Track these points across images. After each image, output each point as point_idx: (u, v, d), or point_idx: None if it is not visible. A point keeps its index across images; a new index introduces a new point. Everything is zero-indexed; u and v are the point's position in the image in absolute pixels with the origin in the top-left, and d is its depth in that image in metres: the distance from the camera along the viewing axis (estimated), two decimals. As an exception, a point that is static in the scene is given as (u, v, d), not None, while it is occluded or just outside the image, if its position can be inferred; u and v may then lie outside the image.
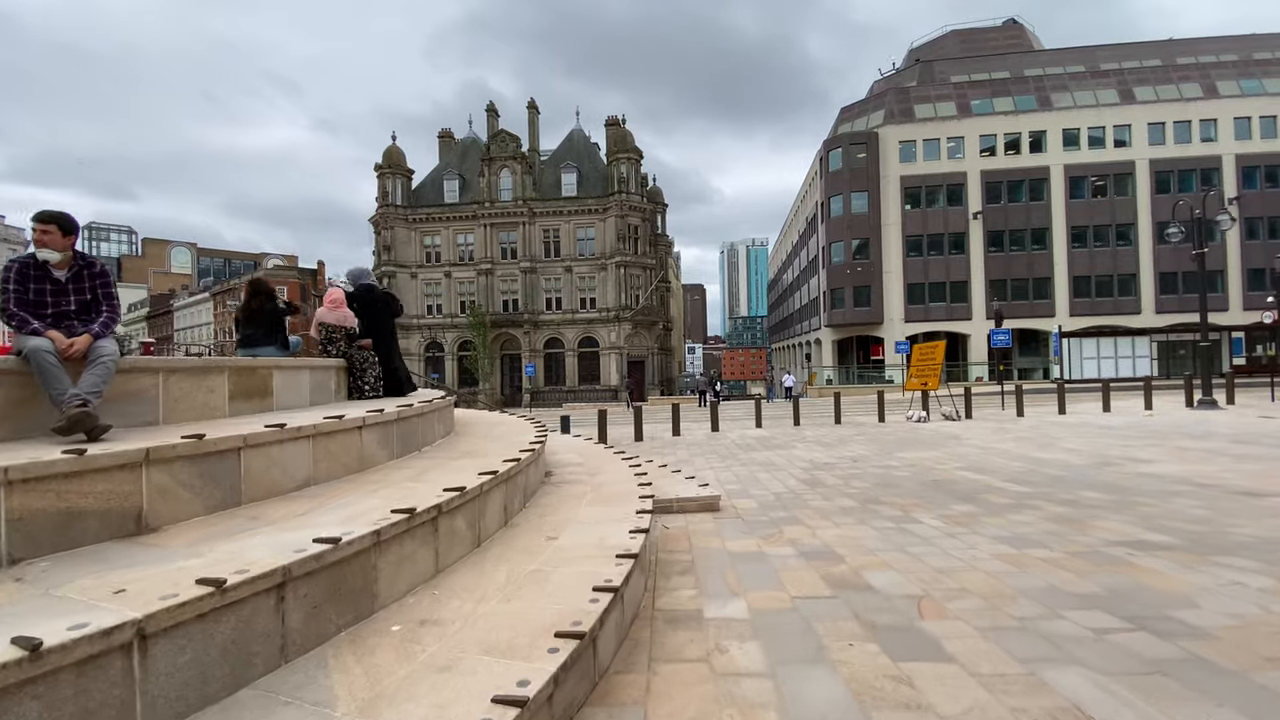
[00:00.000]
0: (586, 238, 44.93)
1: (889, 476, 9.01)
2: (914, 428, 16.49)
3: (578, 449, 8.01)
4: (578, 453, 7.62)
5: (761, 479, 9.12)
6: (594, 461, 7.00)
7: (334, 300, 6.05)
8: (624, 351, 43.27)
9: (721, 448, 13.66)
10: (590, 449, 8.00)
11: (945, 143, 41.17)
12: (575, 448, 8.13)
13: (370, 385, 6.14)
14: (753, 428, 18.26)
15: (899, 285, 40.57)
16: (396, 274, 46.38)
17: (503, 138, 46.53)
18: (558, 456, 7.36)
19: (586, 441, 8.78)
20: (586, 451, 7.77)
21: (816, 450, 12.60)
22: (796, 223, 59.43)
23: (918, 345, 19.00)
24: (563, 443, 8.62)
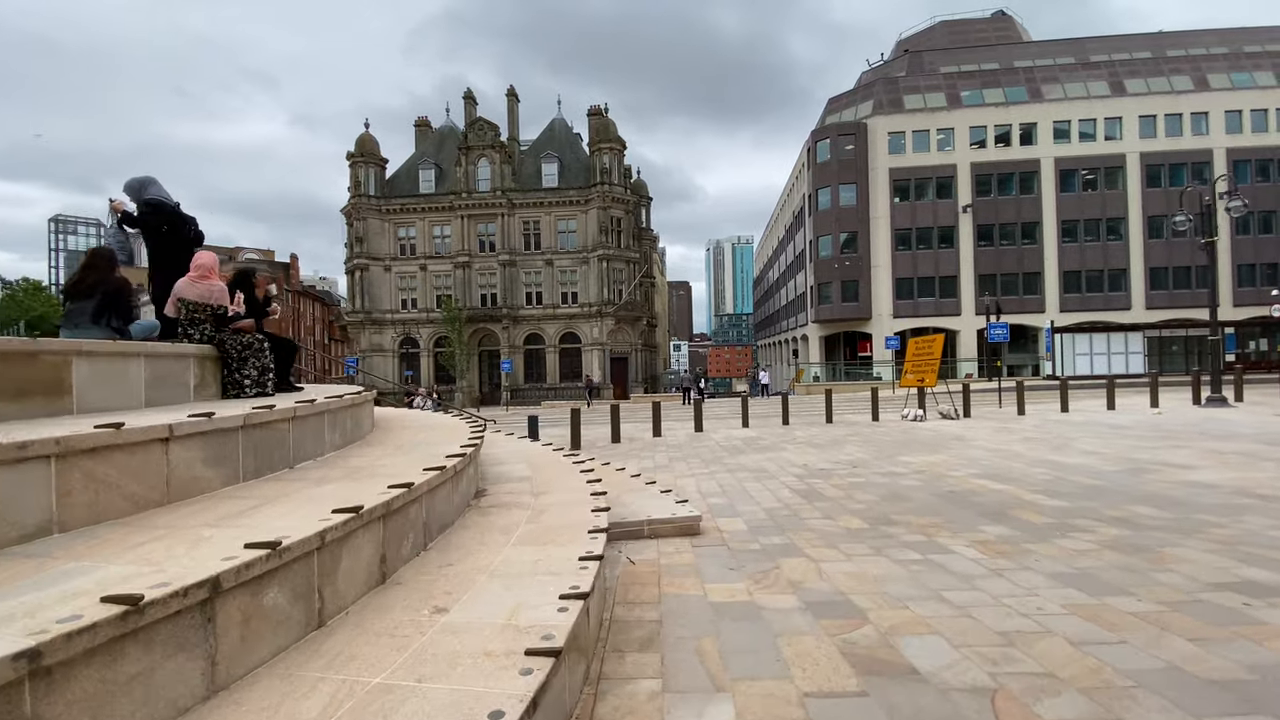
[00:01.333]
0: (568, 230, 43.46)
1: (896, 487, 7.79)
2: (911, 427, 15.37)
3: (530, 457, 6.69)
4: (528, 462, 6.30)
5: (750, 490, 7.86)
6: (546, 474, 5.69)
7: (201, 267, 4.67)
8: (607, 348, 41.91)
9: (705, 450, 12.40)
10: (546, 457, 6.68)
11: (935, 134, 40.27)
12: (528, 455, 6.81)
13: (253, 380, 4.76)
14: (739, 427, 17.04)
15: (887, 280, 39.64)
16: (369, 266, 44.61)
17: (481, 126, 44.87)
18: (503, 468, 6.03)
19: (545, 448, 7.46)
20: (540, 460, 6.45)
21: (810, 453, 11.38)
22: (783, 217, 58.39)
23: (913, 339, 17.89)
24: (515, 450, 7.29)
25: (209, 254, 4.83)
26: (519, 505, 4.42)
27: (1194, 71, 40.33)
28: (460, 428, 6.11)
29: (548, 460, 6.43)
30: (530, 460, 6.46)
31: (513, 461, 6.40)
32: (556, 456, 6.61)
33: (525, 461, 6.36)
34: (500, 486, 5.14)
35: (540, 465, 6.16)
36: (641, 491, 6.59)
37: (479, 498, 4.68)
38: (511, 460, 6.48)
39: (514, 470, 5.90)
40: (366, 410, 5.65)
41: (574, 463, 6.14)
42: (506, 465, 6.19)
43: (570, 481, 5.24)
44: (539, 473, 5.77)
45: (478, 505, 4.41)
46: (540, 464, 6.25)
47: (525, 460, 6.47)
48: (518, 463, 6.32)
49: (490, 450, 7.30)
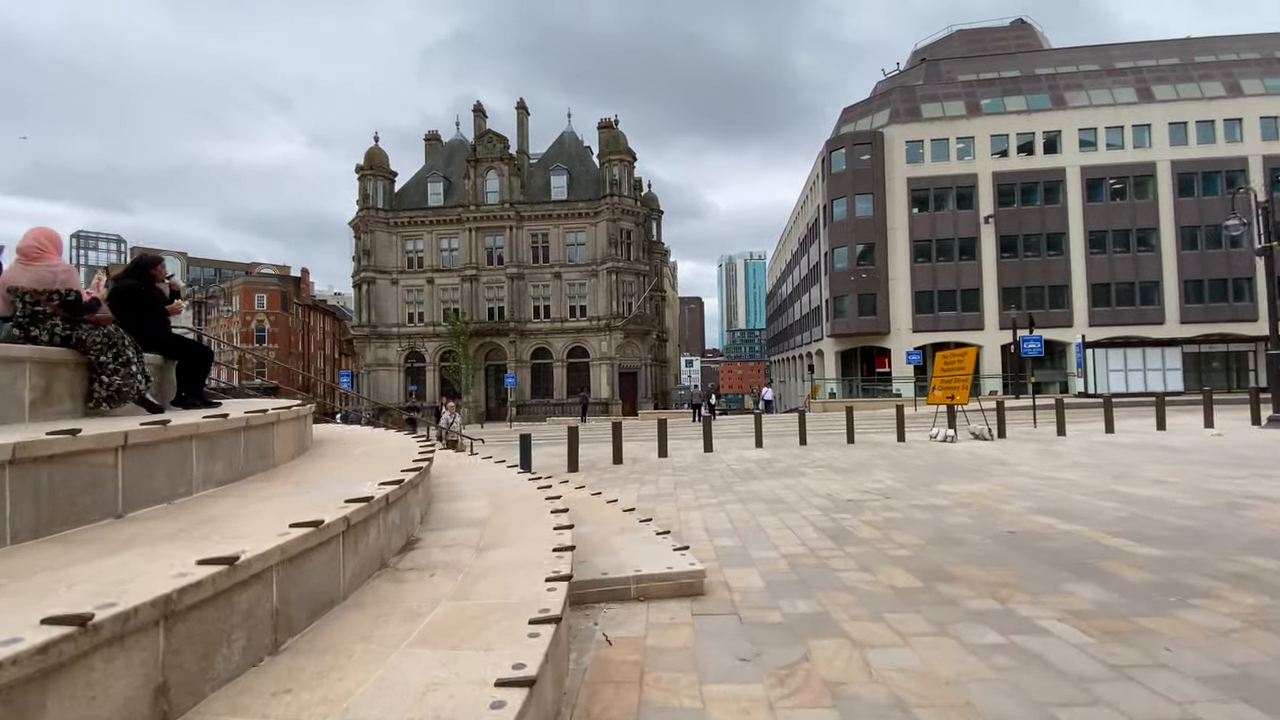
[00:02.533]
0: (577, 242, 42.62)
1: (943, 525, 6.51)
2: (942, 449, 14.00)
3: (498, 490, 5.52)
4: (492, 498, 5.13)
5: (767, 527, 6.61)
6: (507, 515, 4.52)
7: (30, 251, 3.58)
8: (615, 362, 40.78)
9: (715, 475, 11.14)
10: (517, 490, 5.51)
11: (954, 143, 39.04)
12: (496, 488, 5.64)
13: (118, 387, 3.66)
14: (752, 448, 15.75)
15: (906, 293, 38.22)
16: (376, 279, 44.03)
17: (490, 138, 44.40)
18: (458, 505, 4.88)
19: (520, 476, 6.29)
20: (508, 495, 5.27)
21: (832, 479, 10.08)
22: (796, 230, 57.24)
23: (942, 353, 16.56)
24: (484, 480, 6.13)
25: (43, 229, 3.75)
26: (451, 566, 3.24)
27: (1225, 77, 38.83)
28: (407, 451, 4.96)
29: (517, 495, 5.26)
30: (496, 494, 5.29)
31: (474, 496, 5.24)
32: (530, 489, 5.43)
33: (489, 496, 5.19)
34: (441, 534, 3.97)
35: (505, 502, 4.99)
36: (633, 533, 5.38)
37: (405, 552, 3.51)
38: (473, 494, 5.31)
39: (470, 509, 4.73)
40: (285, 431, 4.53)
41: (548, 498, 4.95)
42: (464, 502, 5.02)
43: (534, 528, 4.06)
44: (500, 513, 4.60)
45: (395, 566, 3.24)
46: (506, 500, 5.07)
47: (490, 494, 5.30)
48: (479, 498, 5.15)
49: (454, 479, 6.15)
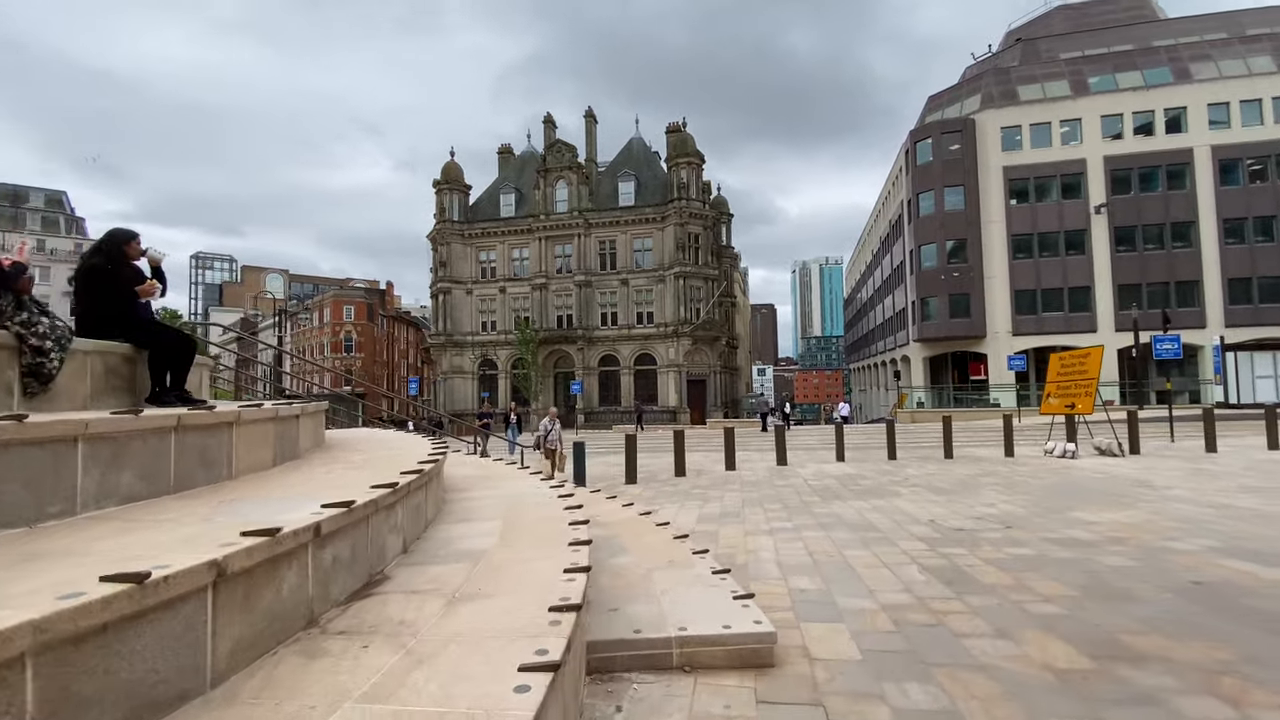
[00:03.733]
0: (644, 248, 41.88)
1: (1096, 568, 4.97)
2: (1063, 466, 11.93)
3: (519, 509, 4.55)
4: (507, 520, 4.15)
5: (856, 564, 5.27)
6: (513, 545, 3.52)
7: None
8: (683, 369, 39.56)
9: (789, 492, 9.77)
10: (535, 509, 4.52)
11: (1058, 127, 35.33)
12: (518, 506, 4.67)
13: (41, 365, 2.95)
14: (832, 461, 14.16)
15: (1004, 292, 34.77)
16: (452, 290, 45.04)
17: (559, 148, 44.59)
18: (462, 528, 3.94)
19: (552, 491, 5.29)
20: (528, 518, 4.28)
21: (933, 501, 8.50)
22: (877, 229, 54.03)
23: (1058, 355, 14.35)
24: (509, 495, 5.18)
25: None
26: (402, 630, 2.24)
27: (1395, 35, 33.09)
28: (411, 453, 4.05)
29: (538, 517, 4.25)
30: (514, 515, 4.31)
31: (487, 516, 4.27)
32: (555, 509, 4.41)
33: (503, 518, 4.21)
34: (418, 571, 3.00)
35: (520, 527, 3.99)
36: (684, 568, 4.24)
37: (354, 600, 2.55)
38: (487, 514, 4.36)
39: (472, 535, 3.76)
40: (252, 434, 3.73)
41: (573, 523, 3.91)
42: (471, 524, 4.06)
43: (541, 566, 3.02)
44: (507, 542, 3.60)
45: (325, 627, 2.28)
46: (523, 524, 4.07)
47: (507, 514, 4.32)
48: (491, 519, 4.18)
49: (475, 494, 5.24)
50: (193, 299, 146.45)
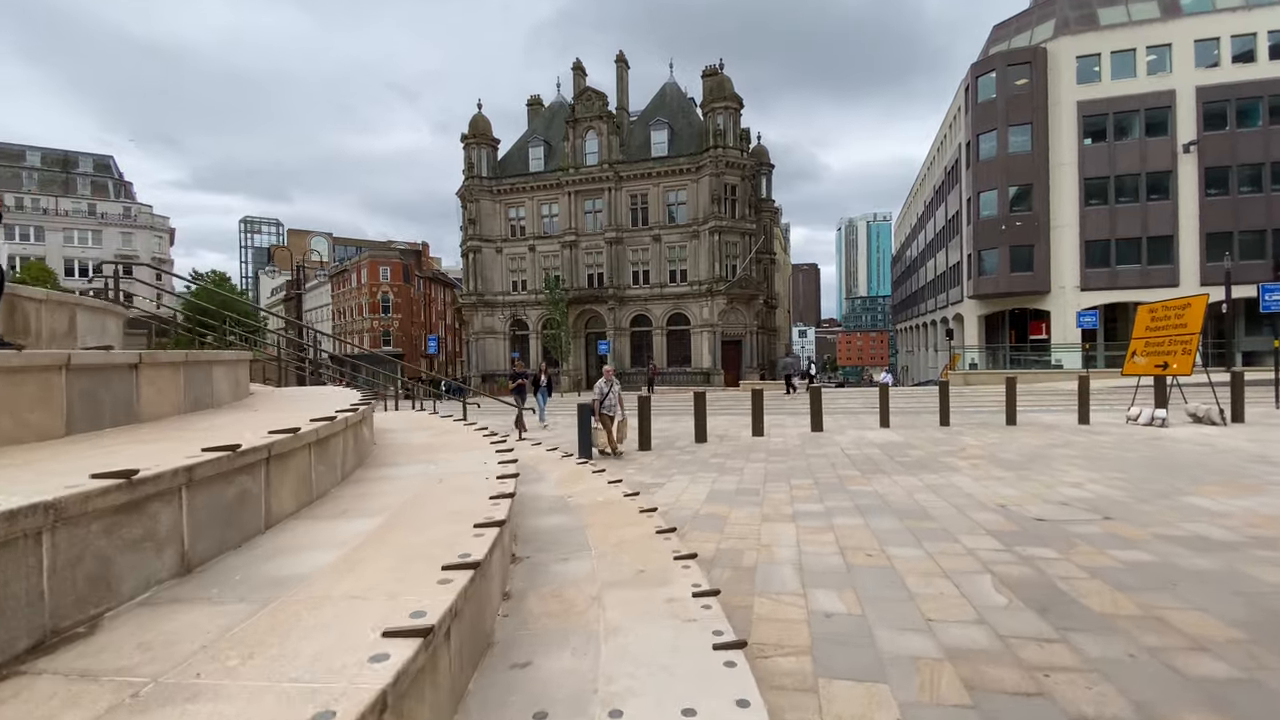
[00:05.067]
0: (677, 202, 39.76)
1: (1256, 590, 3.47)
2: (1153, 436, 10.12)
3: (424, 494, 3.30)
4: (396, 514, 2.90)
5: (906, 572, 3.88)
6: (350, 574, 2.25)
7: None
8: (718, 330, 37.83)
9: (823, 464, 8.35)
10: (460, 495, 3.26)
11: (1144, 54, 31.24)
12: (428, 491, 3.43)
13: None
14: (875, 427, 12.60)
15: (1073, 242, 31.55)
16: (482, 248, 44.10)
17: (589, 96, 42.41)
18: (334, 528, 2.69)
19: (506, 466, 4.05)
20: (432, 509, 3.03)
21: (999, 478, 6.97)
22: (930, 178, 50.17)
23: (1147, 307, 12.27)
24: (445, 471, 3.95)
25: None
26: None
27: None
28: (330, 401, 2.86)
29: (444, 513, 3.00)
30: (415, 508, 3.07)
31: (371, 513, 3.05)
32: (478, 502, 3.16)
33: (398, 511, 2.98)
34: (139, 629, 1.77)
35: (396, 535, 2.74)
36: (653, 586, 2.95)
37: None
38: (375, 510, 3.14)
39: (327, 541, 2.54)
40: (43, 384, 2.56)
41: (479, 526, 2.65)
42: (348, 520, 2.84)
43: (345, 629, 1.74)
44: (360, 563, 2.35)
45: None
46: (410, 525, 2.83)
47: (404, 507, 3.09)
48: (371, 517, 2.95)
49: (394, 475, 4.05)
50: (242, 262, 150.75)
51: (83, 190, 63.80)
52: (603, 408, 9.94)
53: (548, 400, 16.33)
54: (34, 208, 59.17)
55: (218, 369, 4.35)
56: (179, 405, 3.80)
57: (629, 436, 10.63)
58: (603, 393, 10.08)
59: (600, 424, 9.79)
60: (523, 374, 15.04)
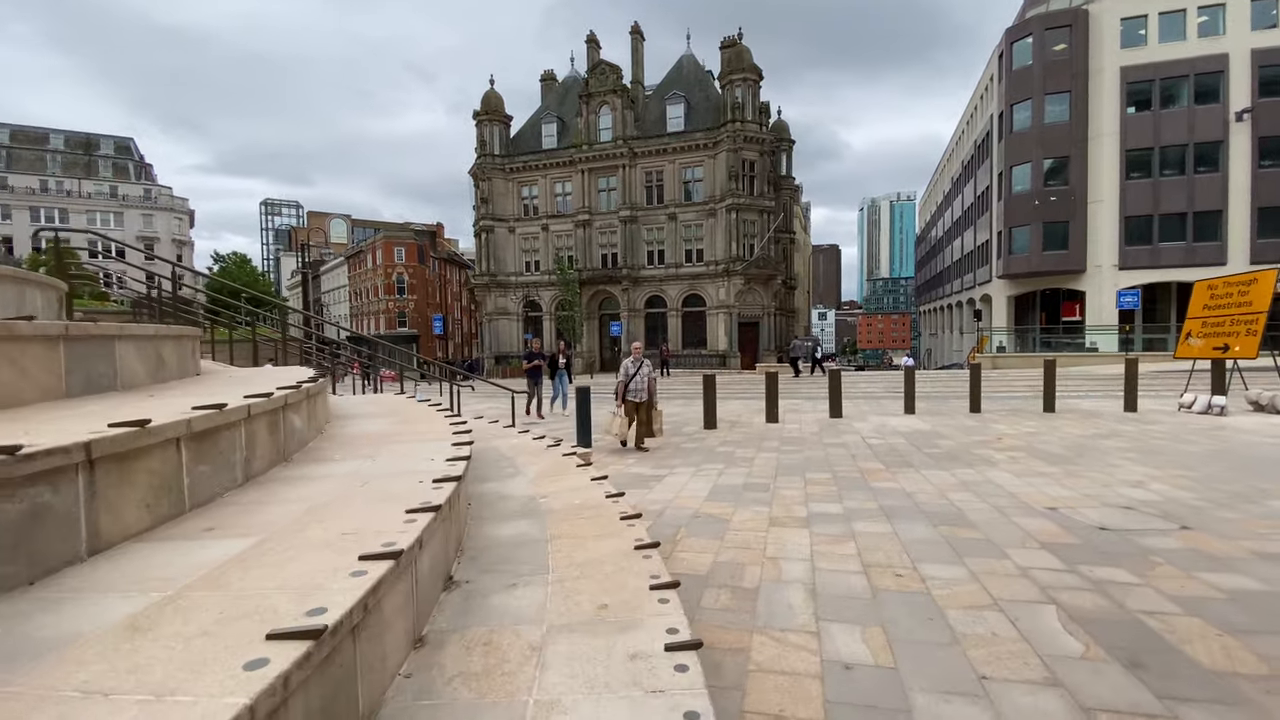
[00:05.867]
0: (694, 179, 38.56)
1: None
2: (1212, 426, 9.12)
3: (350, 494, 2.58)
4: (260, 539, 2.18)
5: (945, 603, 3.08)
6: (134, 651, 1.53)
7: None
8: (734, 311, 36.81)
9: (842, 456, 7.54)
10: (381, 503, 2.52)
11: (1194, 15, 29.16)
12: (359, 488, 2.71)
13: None
14: (899, 414, 11.72)
15: (1112, 219, 29.86)
16: (495, 228, 43.41)
17: (602, 70, 41.16)
18: (189, 552, 1.97)
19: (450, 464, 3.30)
20: (284, 531, 2.30)
21: (1045, 475, 6.12)
22: (959, 153, 48.15)
23: (1205, 283, 11.15)
24: (398, 467, 3.22)
25: None
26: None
27: None
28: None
29: (317, 537, 2.29)
30: (291, 531, 2.37)
31: (242, 530, 2.35)
32: (391, 518, 2.46)
33: (263, 533, 2.27)
34: None
35: (269, 563, 2.03)
36: (614, 633, 2.21)
37: None
38: (250, 524, 2.43)
39: (160, 572, 1.83)
40: None
41: (360, 561, 1.94)
42: (217, 540, 2.14)
43: None
44: (144, 636, 1.64)
45: None
46: (292, 546, 2.12)
47: (295, 519, 2.39)
48: (247, 535, 2.24)
49: (313, 474, 3.36)
50: (263, 244, 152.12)
51: (104, 173, 64.28)
52: (627, 391, 8.61)
53: (567, 384, 14.29)
54: (57, 190, 59.79)
55: (124, 344, 3.70)
56: (52, 388, 3.14)
57: (662, 425, 9.18)
58: (628, 373, 8.68)
59: (622, 410, 8.51)
60: (538, 354, 13.68)
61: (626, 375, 8.73)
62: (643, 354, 9.00)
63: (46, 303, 5.13)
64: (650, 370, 8.82)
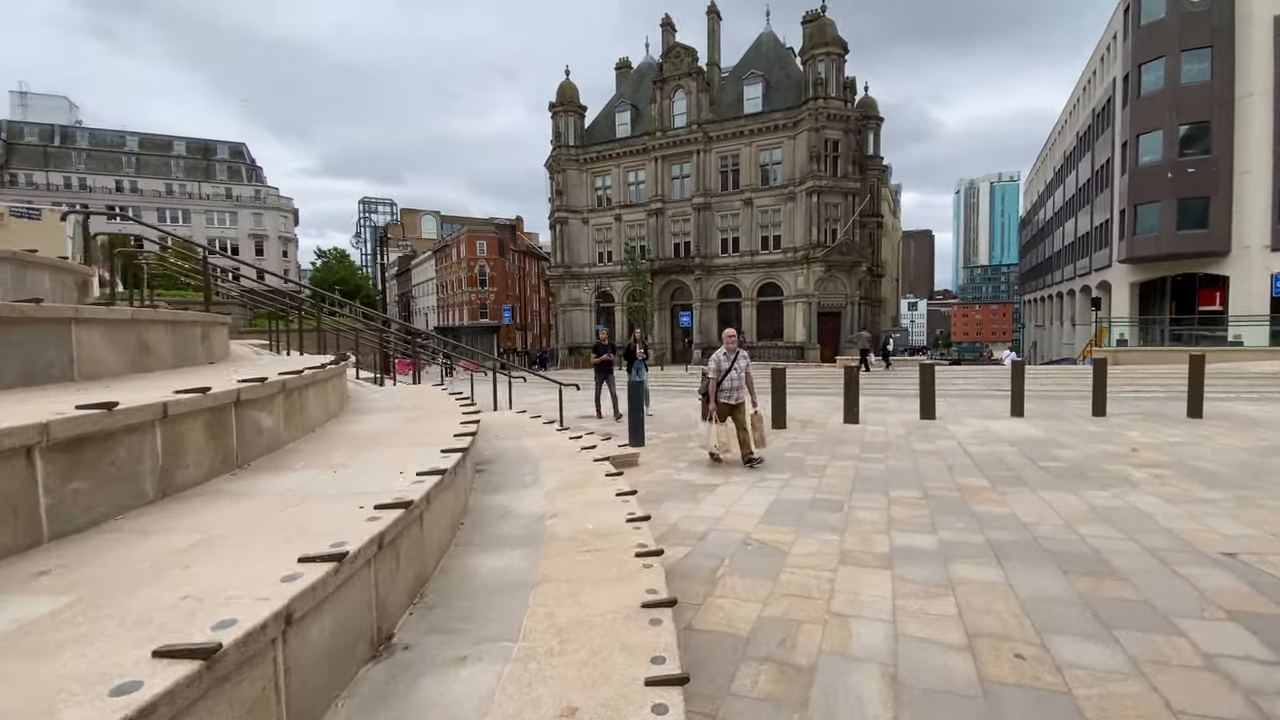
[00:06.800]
0: (771, 162, 36.75)
1: None
2: None
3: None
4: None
5: (1097, 717, 2.07)
6: None
7: None
8: (813, 300, 34.83)
9: (935, 469, 6.34)
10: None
11: (1379, -55, 24.34)
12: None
13: None
14: (1004, 415, 10.18)
15: (1263, 192, 25.58)
16: (569, 220, 43.47)
17: (677, 53, 39.99)
18: None
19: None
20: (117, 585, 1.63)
21: (1205, 503, 4.73)
22: (1073, 124, 43.35)
23: None
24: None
25: None
26: None
27: None
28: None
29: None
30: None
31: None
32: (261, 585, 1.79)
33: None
34: None
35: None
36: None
37: None
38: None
39: None
40: None
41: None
42: None
43: None
44: None
45: None
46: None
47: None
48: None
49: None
50: (362, 240, 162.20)
51: (220, 176, 70.01)
52: (720, 391, 6.85)
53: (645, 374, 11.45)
54: (180, 192, 65.72)
55: (85, 329, 3.28)
56: None
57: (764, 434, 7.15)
58: (720, 367, 6.90)
59: (714, 415, 6.80)
60: (607, 346, 11.65)
61: (718, 369, 6.91)
62: (736, 342, 7.17)
63: (60, 287, 4.96)
64: (748, 363, 7.07)
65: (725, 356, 7.01)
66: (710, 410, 6.88)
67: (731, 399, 6.90)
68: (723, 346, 7.15)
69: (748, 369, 7.04)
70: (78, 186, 60.33)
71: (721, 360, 6.99)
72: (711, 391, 6.89)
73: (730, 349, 7.05)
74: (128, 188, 62.96)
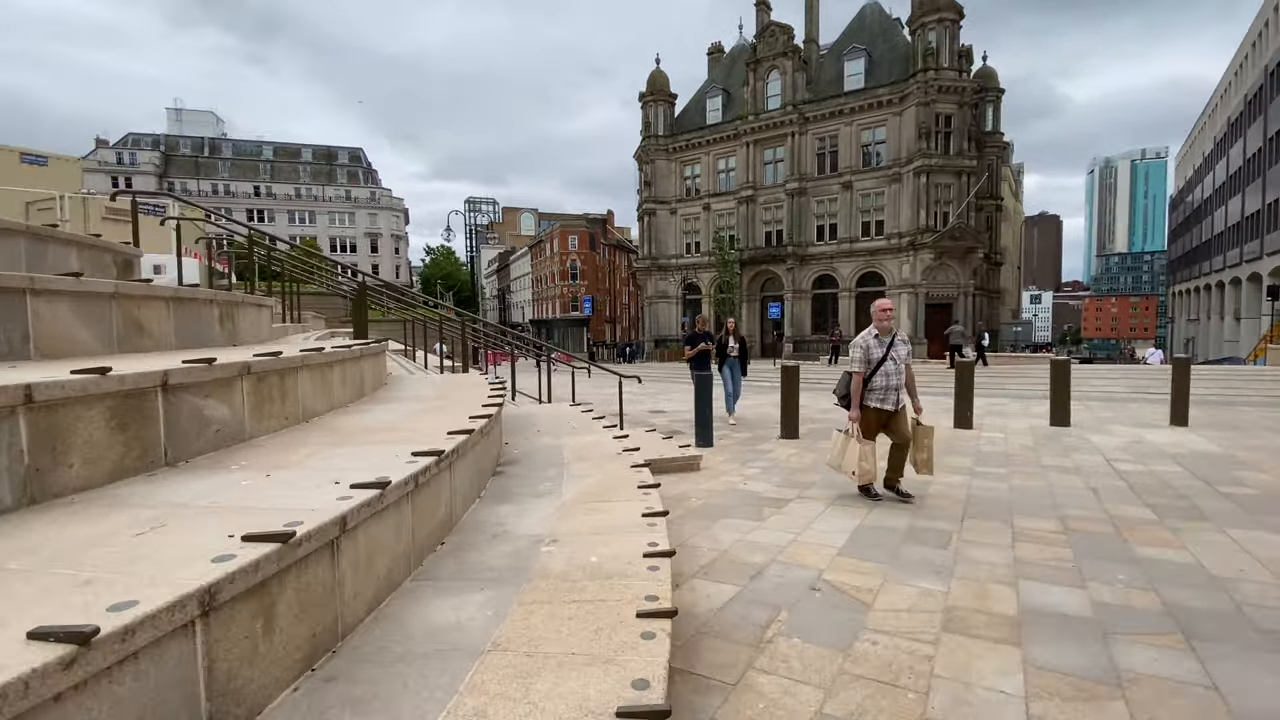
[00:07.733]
0: (874, 141, 34.03)
1: None
2: None
3: None
4: None
5: None
6: None
7: None
8: (920, 290, 31.91)
9: (1075, 490, 4.98)
10: None
11: None
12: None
13: None
14: (1162, 423, 8.33)
15: None
16: (656, 211, 42.86)
17: (772, 31, 38.05)
18: None
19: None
20: None
21: None
22: (1238, 86, 37.01)
23: None
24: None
25: None
26: None
27: None
28: None
29: None
30: None
31: None
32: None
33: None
34: None
35: None
36: None
37: None
38: None
39: None
40: None
41: None
42: None
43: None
44: None
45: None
46: None
47: None
48: None
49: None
50: (468, 237, 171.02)
51: (341, 180, 75.76)
52: (869, 391, 4.80)
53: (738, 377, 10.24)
54: (307, 195, 71.73)
55: (46, 301, 2.92)
56: None
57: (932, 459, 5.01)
58: (870, 355, 4.82)
59: (856, 429, 4.76)
60: (703, 334, 9.42)
61: (867, 359, 4.80)
62: (890, 317, 5.01)
63: (99, 264, 4.86)
64: (909, 350, 5.01)
65: (877, 342, 4.82)
66: (851, 420, 4.80)
67: (887, 402, 4.78)
68: (872, 326, 4.94)
69: (909, 360, 4.94)
70: (223, 192, 67.35)
71: (872, 346, 4.81)
72: (855, 393, 4.79)
73: (884, 331, 4.88)
74: (264, 192, 69.54)
